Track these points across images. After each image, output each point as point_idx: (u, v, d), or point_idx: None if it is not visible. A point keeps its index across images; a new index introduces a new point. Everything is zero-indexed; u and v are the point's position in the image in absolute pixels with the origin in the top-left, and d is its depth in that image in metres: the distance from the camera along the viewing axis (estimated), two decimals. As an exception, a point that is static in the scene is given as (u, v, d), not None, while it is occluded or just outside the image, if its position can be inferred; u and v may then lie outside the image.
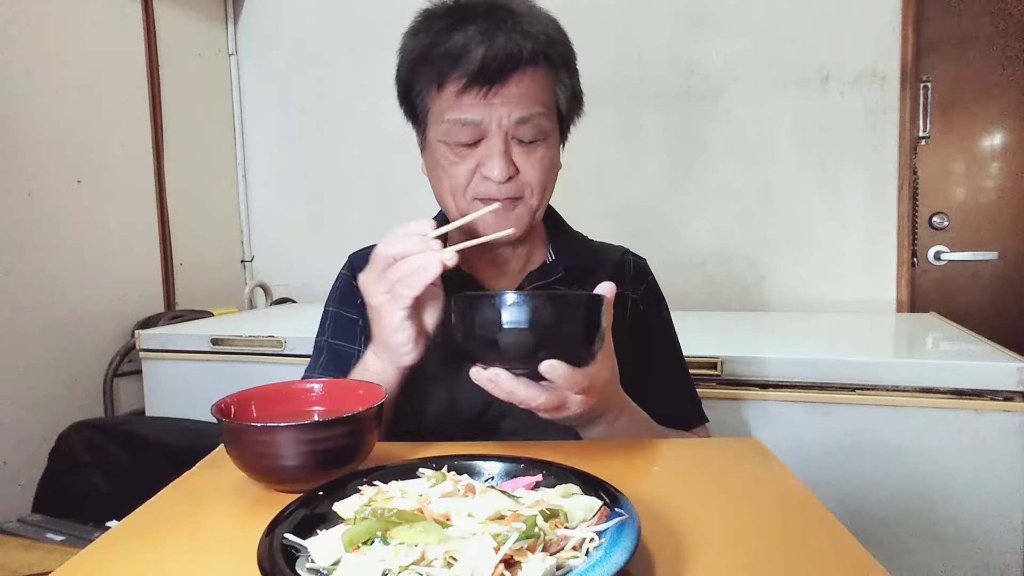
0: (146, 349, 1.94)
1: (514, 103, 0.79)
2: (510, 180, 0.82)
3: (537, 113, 0.81)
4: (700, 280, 2.25)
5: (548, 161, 0.84)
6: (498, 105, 0.79)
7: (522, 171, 0.83)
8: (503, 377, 0.63)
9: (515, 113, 0.80)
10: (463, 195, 0.84)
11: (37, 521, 1.17)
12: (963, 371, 1.31)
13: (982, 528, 1.30)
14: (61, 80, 1.95)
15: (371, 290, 0.73)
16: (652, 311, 0.97)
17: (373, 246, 1.00)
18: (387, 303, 0.72)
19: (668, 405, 0.90)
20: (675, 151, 2.26)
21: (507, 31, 0.78)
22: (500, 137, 0.81)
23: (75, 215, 1.99)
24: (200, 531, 0.58)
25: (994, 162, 2.07)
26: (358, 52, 2.54)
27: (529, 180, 0.83)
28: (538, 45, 0.79)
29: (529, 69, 0.80)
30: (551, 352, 0.62)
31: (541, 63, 0.80)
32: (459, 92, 0.79)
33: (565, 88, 0.85)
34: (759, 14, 2.14)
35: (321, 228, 2.66)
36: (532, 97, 0.80)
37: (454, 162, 0.83)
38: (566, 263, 0.92)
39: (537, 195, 0.85)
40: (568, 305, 0.64)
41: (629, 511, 0.49)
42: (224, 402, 0.68)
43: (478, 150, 0.82)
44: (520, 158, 0.82)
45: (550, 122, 0.83)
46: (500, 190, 0.82)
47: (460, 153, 0.83)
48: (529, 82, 0.80)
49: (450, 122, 0.81)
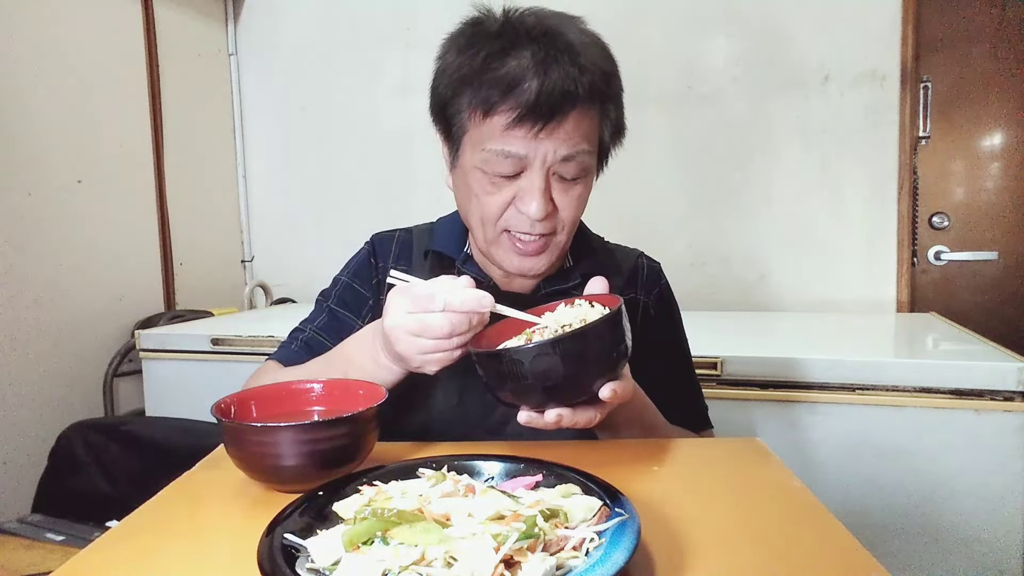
0: (146, 349, 1.94)
1: (561, 140, 0.76)
2: (546, 218, 0.79)
3: (583, 151, 0.78)
4: (700, 280, 2.25)
5: (585, 199, 0.82)
6: (545, 141, 0.75)
7: (559, 208, 0.80)
8: (566, 415, 0.64)
9: (561, 150, 0.76)
10: (493, 225, 0.81)
11: (37, 521, 1.17)
12: (963, 371, 1.31)
13: (982, 528, 1.30)
14: (61, 80, 1.95)
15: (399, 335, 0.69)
16: (663, 316, 0.97)
17: (398, 230, 0.99)
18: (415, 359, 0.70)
19: (675, 409, 0.90)
20: (675, 152, 2.25)
21: (564, 64, 0.74)
22: (542, 174, 0.77)
23: (75, 215, 1.99)
24: (200, 531, 0.58)
25: (994, 162, 2.07)
26: (358, 52, 2.54)
27: (564, 218, 0.81)
28: (595, 83, 0.76)
29: (580, 107, 0.76)
30: (598, 378, 0.64)
31: (592, 100, 0.77)
32: (508, 126, 0.75)
33: (611, 122, 0.82)
34: (759, 14, 2.14)
35: (321, 228, 2.66)
36: (580, 135, 0.77)
37: (489, 192, 0.79)
38: (583, 269, 0.90)
39: (567, 232, 0.83)
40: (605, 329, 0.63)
41: (629, 511, 0.49)
42: (224, 402, 0.68)
43: (516, 183, 0.78)
44: (558, 195, 0.79)
45: (593, 160, 0.81)
46: (535, 226, 0.79)
47: (497, 184, 0.79)
48: (579, 120, 0.76)
49: (492, 152, 0.77)
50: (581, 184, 0.81)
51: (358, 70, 2.55)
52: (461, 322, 0.66)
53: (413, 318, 0.68)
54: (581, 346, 0.61)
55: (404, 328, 0.68)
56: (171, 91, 2.34)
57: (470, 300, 0.66)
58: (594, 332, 0.63)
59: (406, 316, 0.68)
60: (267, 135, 2.70)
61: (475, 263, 0.92)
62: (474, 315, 0.67)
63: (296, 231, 2.70)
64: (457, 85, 0.78)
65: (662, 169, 2.27)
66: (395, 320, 0.69)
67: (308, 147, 2.66)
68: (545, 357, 0.60)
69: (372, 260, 0.96)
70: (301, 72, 2.64)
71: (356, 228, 1.85)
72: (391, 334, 0.69)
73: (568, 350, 0.61)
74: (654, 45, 2.24)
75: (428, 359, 0.69)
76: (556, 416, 0.64)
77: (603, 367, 0.64)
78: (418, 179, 2.48)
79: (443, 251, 0.92)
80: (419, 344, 0.68)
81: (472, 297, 0.66)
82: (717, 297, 2.24)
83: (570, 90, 0.73)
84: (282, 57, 2.66)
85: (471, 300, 0.66)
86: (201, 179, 2.52)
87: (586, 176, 0.81)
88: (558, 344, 0.61)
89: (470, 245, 0.93)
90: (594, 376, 0.64)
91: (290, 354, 0.93)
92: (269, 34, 2.66)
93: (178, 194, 2.36)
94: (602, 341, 0.63)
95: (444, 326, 0.66)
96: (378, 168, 2.56)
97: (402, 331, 0.68)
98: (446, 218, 0.97)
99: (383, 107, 2.50)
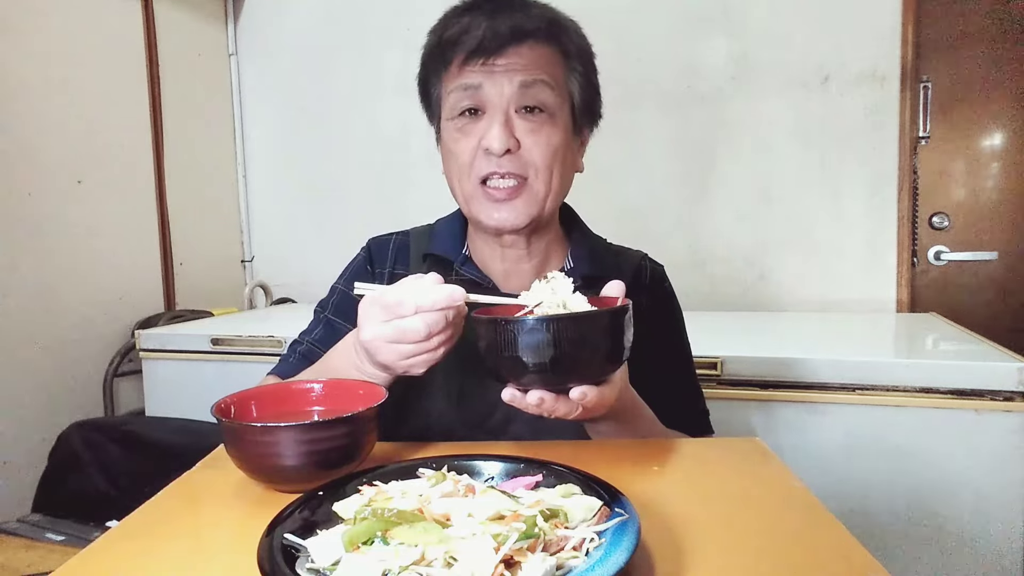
0: (146, 349, 1.94)
1: (516, 69, 0.79)
2: (510, 154, 0.80)
3: (540, 80, 0.79)
4: (700, 280, 2.25)
5: (556, 143, 0.82)
6: (499, 73, 0.79)
7: (524, 146, 0.80)
8: (548, 400, 0.63)
9: (516, 78, 0.79)
10: (468, 176, 0.82)
11: (37, 521, 1.17)
12: (963, 371, 1.31)
13: (982, 528, 1.30)
14: (61, 80, 1.95)
15: (378, 345, 0.68)
16: (666, 319, 0.96)
17: (394, 233, 0.99)
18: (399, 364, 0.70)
19: (676, 414, 0.89)
20: (675, 151, 2.25)
21: (510, 12, 0.79)
22: (501, 108, 0.80)
23: (75, 215, 1.99)
24: (200, 531, 0.58)
25: (994, 162, 2.07)
26: (358, 52, 2.54)
27: (533, 159, 0.81)
28: (541, 22, 0.80)
29: (530, 41, 0.80)
30: (587, 369, 0.63)
31: (543, 38, 0.80)
32: (462, 64, 0.80)
33: (579, 76, 0.84)
34: (759, 14, 2.14)
35: (321, 228, 2.66)
36: (535, 65, 0.80)
37: (458, 139, 0.82)
38: (583, 271, 0.89)
39: (543, 179, 0.82)
40: (608, 321, 0.63)
41: (629, 511, 0.49)
42: (224, 402, 0.68)
43: (480, 123, 0.81)
44: (523, 134, 0.80)
45: (556, 97, 0.81)
46: (500, 164, 0.80)
47: (464, 129, 0.82)
48: (532, 53, 0.80)
49: (453, 92, 0.81)
50: (547, 124, 0.81)
51: (358, 70, 2.55)
52: (437, 321, 0.66)
53: (388, 326, 0.67)
54: (576, 329, 0.60)
55: (381, 338, 0.68)
56: (171, 91, 2.34)
57: (441, 298, 0.66)
58: (592, 319, 0.63)
59: (381, 326, 0.68)
60: (267, 135, 2.70)
61: (474, 264, 0.91)
62: (449, 311, 0.67)
63: (296, 231, 2.70)
64: (426, 61, 0.85)
65: (662, 169, 2.27)
66: (371, 332, 0.68)
67: (308, 147, 2.66)
68: (537, 333, 0.60)
69: (368, 266, 0.96)
70: (301, 72, 2.64)
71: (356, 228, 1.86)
72: (369, 346, 0.69)
73: (562, 330, 0.60)
74: (654, 45, 2.24)
75: (412, 363, 0.69)
76: (538, 399, 0.63)
77: (593, 359, 0.63)
78: (418, 179, 2.48)
79: (441, 254, 0.92)
80: (399, 350, 0.68)
81: (443, 294, 0.66)
82: (717, 297, 2.23)
83: (517, 25, 0.78)
84: (282, 57, 2.66)
85: (442, 297, 0.66)
86: (201, 179, 2.52)
87: (552, 116, 0.81)
88: (553, 322, 0.60)
89: (468, 246, 0.93)
90: (583, 365, 0.62)
91: (288, 367, 0.93)
92: (269, 34, 2.66)
93: (178, 194, 2.36)
94: (598, 331, 0.62)
95: (421, 329, 0.66)
96: (378, 168, 2.55)
97: (380, 341, 0.68)
98: (444, 219, 0.97)
99: (383, 107, 2.50)
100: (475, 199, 0.84)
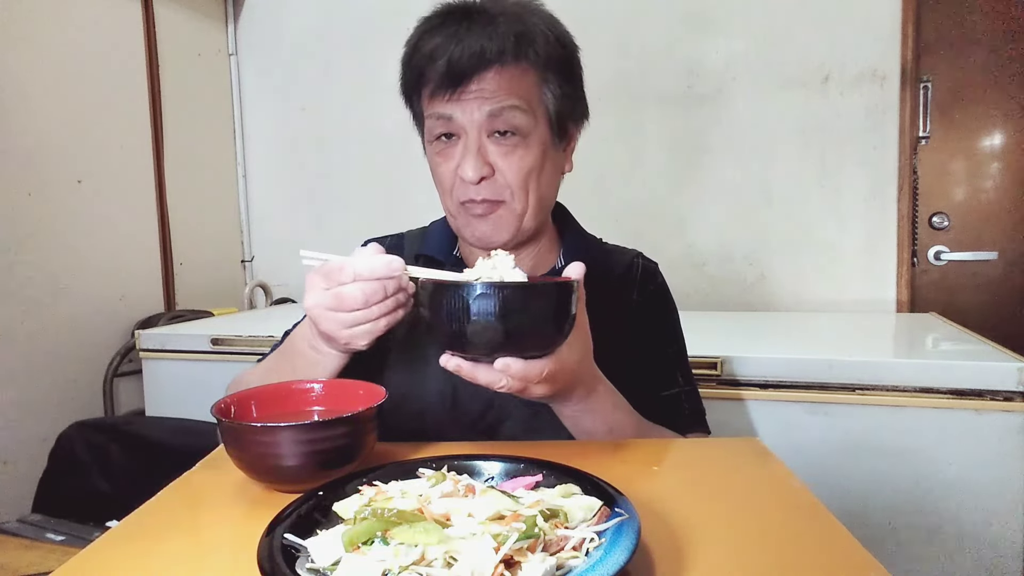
0: (146, 349, 1.94)
1: (485, 97, 0.79)
2: (484, 180, 0.81)
3: (510, 106, 0.79)
4: (700, 280, 2.25)
5: (529, 164, 0.82)
6: (469, 102, 0.79)
7: (499, 171, 0.81)
8: (465, 367, 0.64)
9: (485, 107, 0.79)
10: (451, 196, 0.85)
11: (37, 521, 1.17)
12: (963, 371, 1.31)
13: (982, 528, 1.30)
14: (61, 80, 1.95)
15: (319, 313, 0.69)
16: (655, 315, 0.95)
17: (388, 236, 1.00)
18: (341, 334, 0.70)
19: (669, 411, 0.89)
20: (675, 151, 2.25)
21: (477, 32, 0.78)
22: (474, 136, 0.80)
23: (75, 215, 1.99)
24: (200, 531, 0.58)
25: (994, 162, 2.07)
26: (358, 52, 2.54)
27: (508, 182, 0.81)
28: (507, 43, 0.78)
29: (497, 66, 0.79)
30: (517, 342, 0.62)
31: (510, 60, 0.79)
32: (433, 93, 0.81)
33: (553, 87, 0.83)
34: (759, 14, 2.14)
35: (321, 228, 2.66)
36: (504, 90, 0.79)
37: (439, 163, 0.84)
38: None
39: (520, 199, 0.82)
40: (535, 294, 0.62)
41: (629, 511, 0.49)
42: (224, 402, 0.68)
43: (457, 148, 0.82)
44: (497, 158, 0.81)
45: (529, 119, 0.81)
46: (477, 191, 0.81)
47: (443, 153, 0.83)
48: (499, 78, 0.79)
49: (429, 119, 0.83)
50: (521, 147, 0.81)
51: (358, 70, 2.55)
52: (375, 290, 0.67)
53: (328, 293, 0.69)
54: (497, 299, 0.59)
55: (322, 305, 0.69)
56: (171, 91, 2.34)
57: (379, 266, 0.68)
58: (541, 291, 0.63)
59: (322, 293, 0.69)
60: (267, 135, 2.70)
61: (465, 265, 0.92)
62: (388, 282, 0.68)
63: (296, 231, 2.70)
64: (403, 73, 0.86)
65: (662, 169, 2.27)
66: (313, 299, 0.70)
67: (308, 147, 2.66)
68: (459, 299, 0.60)
69: None
70: (301, 72, 2.64)
71: (356, 228, 1.85)
72: (311, 314, 0.71)
73: (504, 299, 0.59)
74: (654, 44, 2.24)
75: (353, 333, 0.70)
76: (455, 365, 0.64)
77: (527, 334, 0.62)
78: (418, 179, 2.45)
79: (433, 255, 0.93)
80: (339, 318, 0.69)
81: (380, 263, 0.68)
82: (717, 297, 2.23)
83: (476, 52, 0.77)
84: (282, 57, 2.66)
85: (380, 266, 0.68)
86: (201, 179, 2.52)
87: (525, 137, 0.81)
88: (477, 289, 0.59)
89: (459, 247, 0.93)
90: (514, 337, 0.61)
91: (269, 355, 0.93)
92: (269, 34, 2.66)
93: (178, 194, 2.36)
94: (543, 307, 0.61)
95: (358, 296, 0.67)
96: (378, 168, 2.56)
97: (320, 308, 0.69)
98: (437, 221, 0.98)
99: (383, 107, 2.50)
100: (458, 216, 0.86)
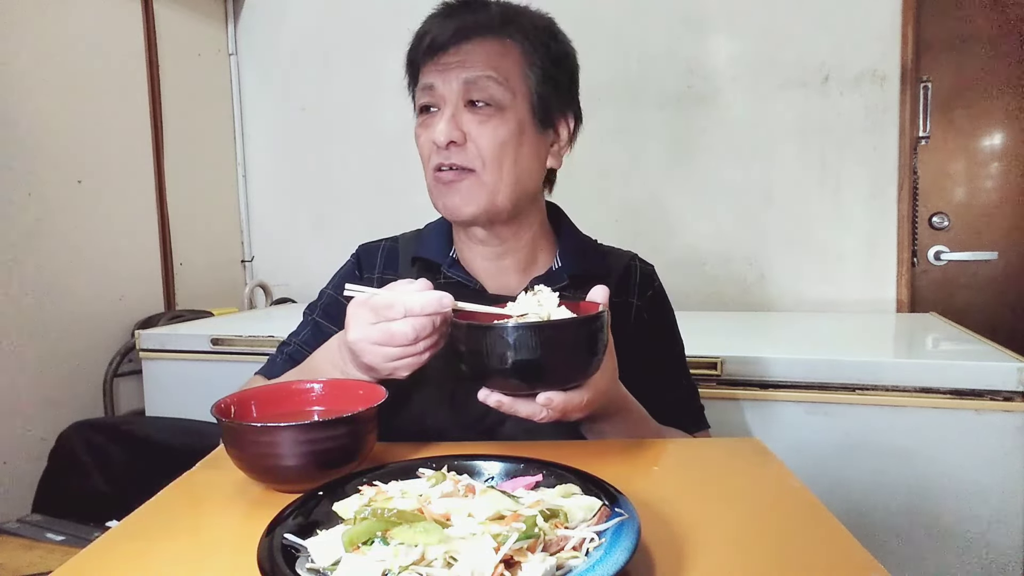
0: (146, 349, 1.94)
1: (465, 67, 0.82)
2: (456, 146, 0.82)
3: (486, 76, 0.81)
4: (700, 280, 2.25)
5: (503, 136, 0.82)
6: (448, 70, 0.82)
7: (471, 139, 0.82)
8: (505, 401, 0.66)
9: (463, 74, 0.82)
10: (427, 164, 0.87)
11: (37, 521, 1.17)
12: (963, 371, 1.31)
13: (982, 528, 1.30)
14: (61, 80, 1.95)
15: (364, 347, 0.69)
16: (656, 319, 0.96)
17: (383, 239, 1.01)
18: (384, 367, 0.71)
19: (670, 411, 0.89)
20: (675, 151, 2.25)
21: (470, 13, 0.83)
22: (451, 104, 0.83)
23: (75, 215, 1.99)
24: (200, 531, 0.58)
25: (994, 162, 2.07)
26: (358, 52, 2.54)
27: (480, 151, 0.82)
28: (491, 19, 0.83)
29: (477, 38, 0.82)
30: (559, 375, 0.64)
31: (492, 34, 0.83)
32: (422, 67, 0.85)
33: (537, 70, 0.84)
34: (759, 14, 2.14)
35: (321, 228, 2.66)
36: (483, 61, 0.82)
37: (419, 135, 0.87)
38: (571, 270, 0.91)
39: (492, 171, 0.83)
40: (575, 330, 0.64)
41: (629, 511, 0.49)
42: (224, 402, 0.68)
43: (435, 118, 0.84)
44: (472, 125, 0.82)
45: (506, 93, 0.82)
46: (447, 156, 0.83)
47: (424, 123, 0.86)
48: (479, 49, 0.82)
49: (417, 92, 0.87)
50: (496, 118, 0.83)
51: (358, 70, 2.55)
52: (425, 326, 0.67)
53: (376, 328, 0.68)
54: (539, 337, 0.61)
55: (368, 340, 0.68)
56: (171, 91, 2.34)
57: (431, 303, 0.67)
58: (575, 326, 0.64)
59: (369, 328, 0.68)
60: (267, 135, 2.70)
61: (461, 267, 0.92)
62: (437, 316, 0.68)
63: (296, 231, 2.70)
64: (406, 62, 0.90)
65: (661, 169, 2.27)
66: (358, 333, 0.69)
67: (308, 147, 2.66)
68: (500, 339, 0.62)
69: (357, 272, 0.98)
70: (301, 72, 2.64)
71: (356, 228, 1.85)
72: (356, 347, 0.70)
73: (525, 338, 0.61)
74: (654, 44, 2.24)
75: (397, 365, 0.70)
76: (496, 401, 0.66)
77: (563, 368, 0.64)
78: (418, 179, 2.45)
79: (429, 257, 0.94)
80: (385, 353, 0.69)
81: (432, 299, 0.67)
82: (717, 297, 2.23)
83: (463, 25, 0.82)
84: (282, 57, 2.66)
85: (431, 303, 0.67)
86: (201, 179, 2.52)
87: (501, 110, 0.83)
88: (517, 331, 0.61)
89: (456, 249, 0.94)
90: (547, 372, 0.64)
91: (275, 368, 0.94)
92: (269, 34, 2.66)
93: (178, 194, 2.35)
94: (563, 341, 0.63)
95: (408, 333, 0.67)
96: (378, 168, 2.56)
97: (366, 343, 0.69)
98: (433, 223, 0.98)
99: (383, 107, 2.50)
100: (432, 188, 0.88)
